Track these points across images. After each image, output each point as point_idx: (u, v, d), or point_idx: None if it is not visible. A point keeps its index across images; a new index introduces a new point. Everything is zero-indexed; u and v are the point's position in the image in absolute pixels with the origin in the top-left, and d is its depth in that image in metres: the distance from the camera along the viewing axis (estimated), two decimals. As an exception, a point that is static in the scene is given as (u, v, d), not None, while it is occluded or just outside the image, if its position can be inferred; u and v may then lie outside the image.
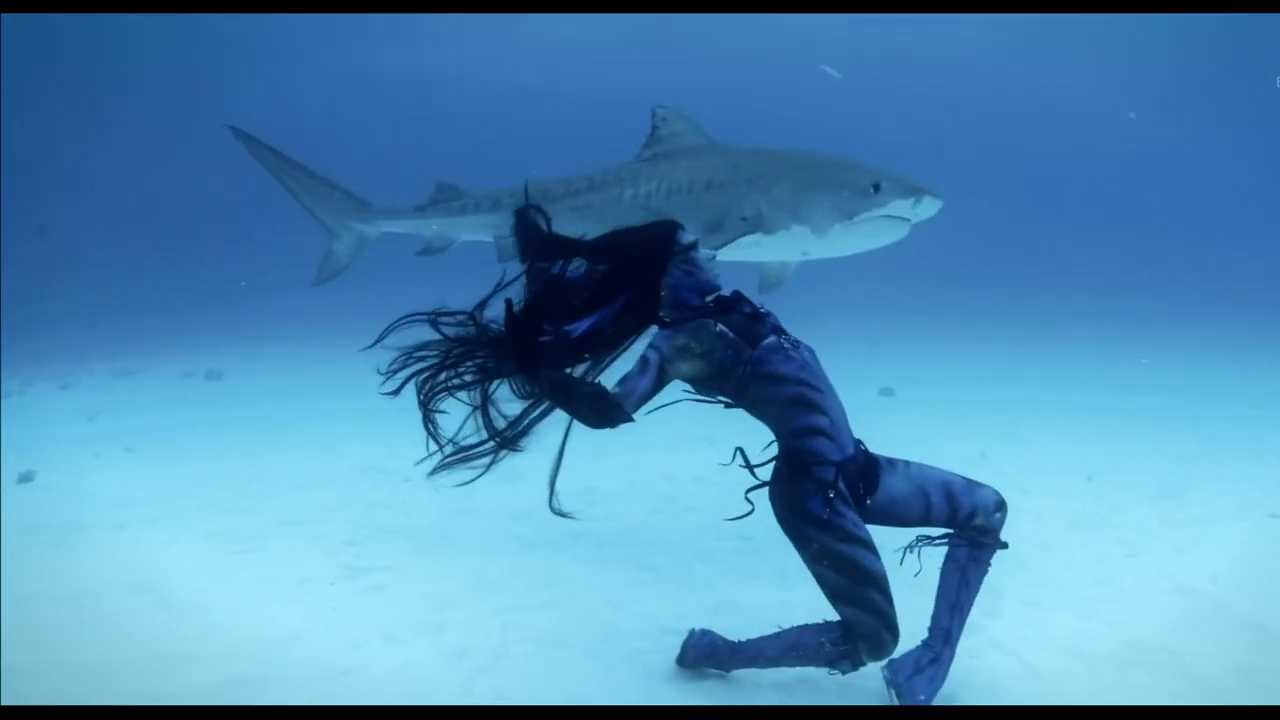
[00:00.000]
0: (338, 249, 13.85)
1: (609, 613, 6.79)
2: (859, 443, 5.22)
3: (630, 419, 4.74)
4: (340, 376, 20.11)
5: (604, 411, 4.69)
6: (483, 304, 4.99)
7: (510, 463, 5.19)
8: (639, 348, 4.98)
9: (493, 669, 5.84)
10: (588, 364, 5.04)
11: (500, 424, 5.04)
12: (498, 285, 5.01)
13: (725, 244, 10.12)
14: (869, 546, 4.95)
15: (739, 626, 5.71)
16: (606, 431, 4.69)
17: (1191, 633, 6.38)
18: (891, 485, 5.21)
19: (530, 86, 56.62)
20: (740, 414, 5.12)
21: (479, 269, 5.99)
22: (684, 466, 11.22)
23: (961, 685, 5.53)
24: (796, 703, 5.35)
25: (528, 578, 7.56)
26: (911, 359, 23.70)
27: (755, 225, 10.31)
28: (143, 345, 26.24)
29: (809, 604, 5.50)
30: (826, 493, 4.91)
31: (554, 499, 5.12)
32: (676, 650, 5.79)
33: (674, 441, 12.36)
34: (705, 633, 5.75)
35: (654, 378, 4.84)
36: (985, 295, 36.43)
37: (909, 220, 9.99)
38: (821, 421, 5.01)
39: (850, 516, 4.96)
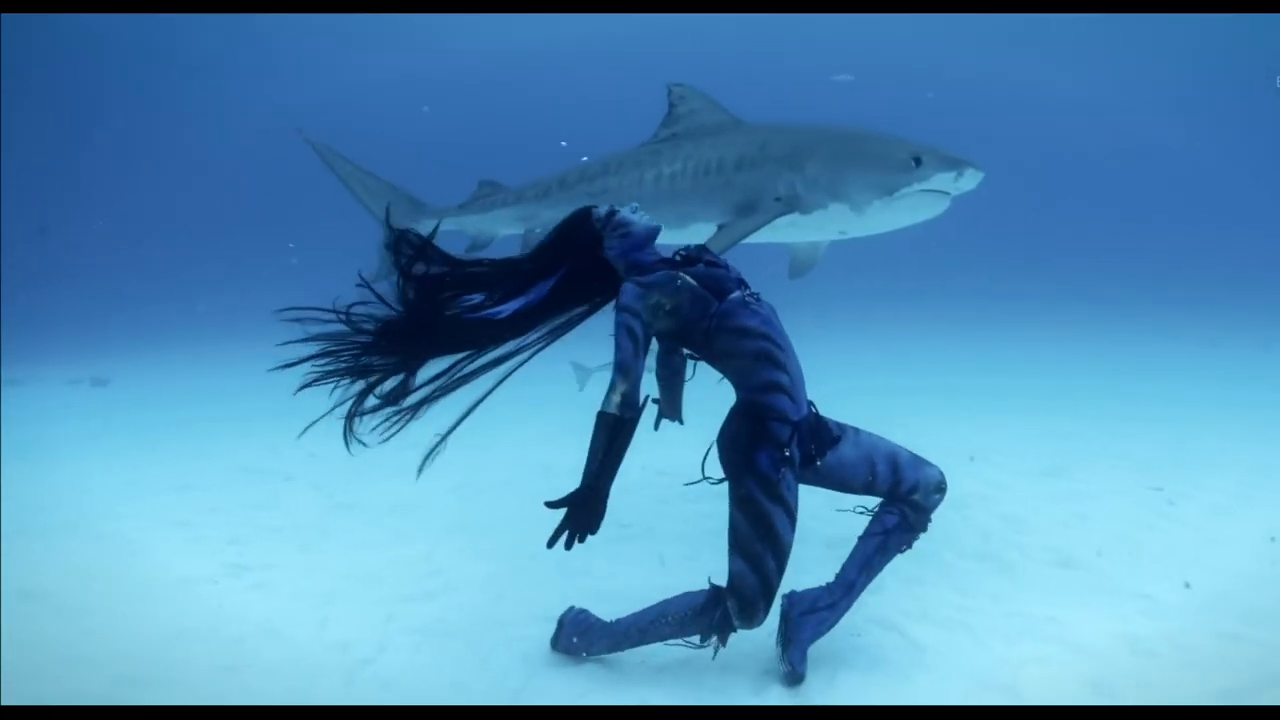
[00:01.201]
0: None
1: (489, 602, 6.77)
2: (811, 404, 5.31)
3: (638, 403, 4.92)
4: (221, 380, 20.09)
5: (626, 421, 4.86)
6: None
7: (393, 457, 5.19)
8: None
9: (375, 661, 5.79)
10: (531, 343, 5.38)
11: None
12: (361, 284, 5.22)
13: (760, 226, 9.74)
14: (790, 516, 5.03)
15: (618, 613, 5.66)
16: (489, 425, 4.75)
17: (1078, 604, 6.44)
18: (841, 450, 5.33)
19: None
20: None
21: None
22: (561, 458, 11.19)
23: (845, 662, 5.54)
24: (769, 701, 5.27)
25: (409, 570, 7.53)
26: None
27: (791, 205, 9.81)
28: (31, 353, 25.69)
29: (687, 589, 5.48)
30: (780, 451, 5.02)
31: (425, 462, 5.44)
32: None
33: (554, 432, 12.37)
34: (581, 611, 5.76)
35: (643, 346, 4.95)
36: (862, 280, 36.51)
37: (949, 194, 9.53)
38: (783, 379, 5.12)
39: (789, 481, 5.04)
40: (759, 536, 4.97)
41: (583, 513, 4.77)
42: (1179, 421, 13.19)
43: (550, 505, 4.78)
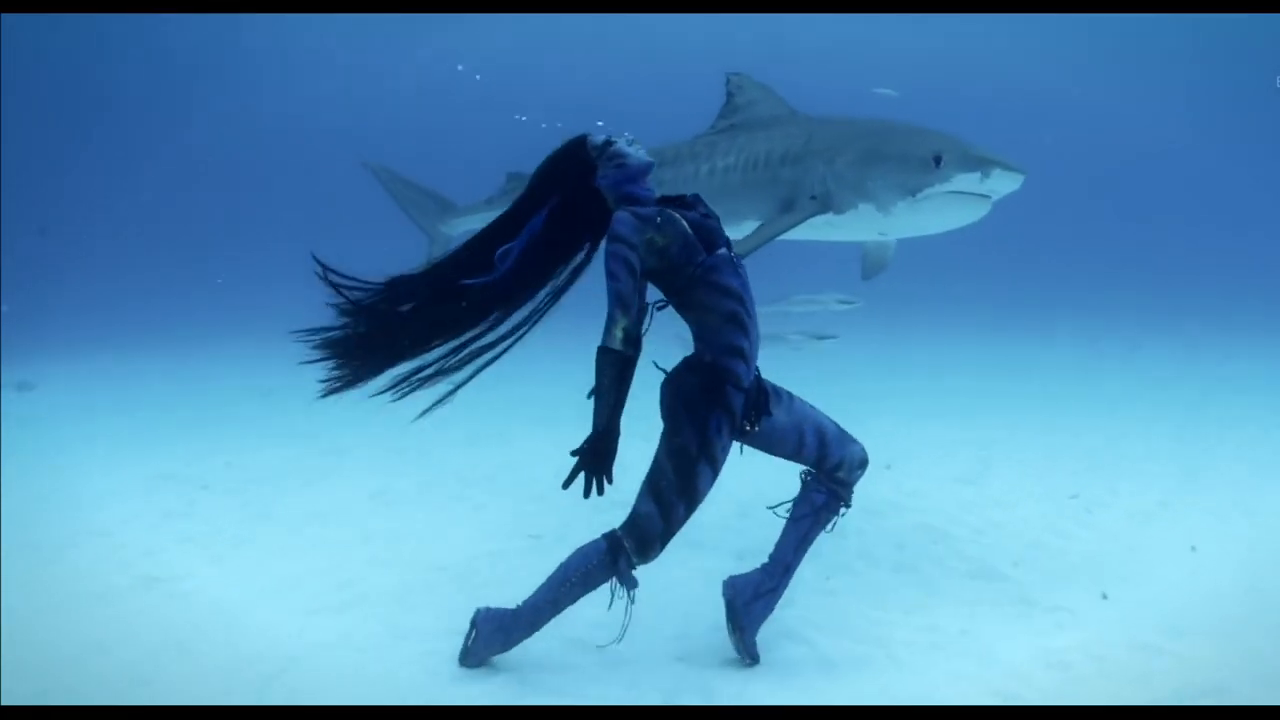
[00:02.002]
0: (434, 253, 13.66)
1: (399, 614, 6.71)
2: (757, 370, 5.44)
3: (640, 338, 5.02)
4: (147, 387, 19.89)
5: (630, 358, 4.94)
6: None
7: (313, 464, 5.16)
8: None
9: (286, 673, 5.71)
10: (541, 299, 5.46)
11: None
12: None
13: (794, 225, 9.40)
14: (715, 474, 5.18)
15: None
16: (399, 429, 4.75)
17: (994, 617, 6.46)
18: (775, 415, 5.49)
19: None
20: (537, 413, 5.10)
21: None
22: (476, 464, 11.18)
23: (756, 675, 5.54)
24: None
25: (322, 581, 7.43)
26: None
27: (825, 204, 9.43)
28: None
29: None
30: (729, 414, 5.17)
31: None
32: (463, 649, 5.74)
33: (467, 438, 12.34)
34: (490, 609, 5.71)
35: (636, 281, 4.98)
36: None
37: (987, 196, 8.98)
38: (746, 345, 5.22)
39: (723, 443, 5.18)
40: (680, 488, 5.10)
41: (598, 458, 4.80)
42: (1101, 426, 13.33)
43: (572, 454, 4.81)
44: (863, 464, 5.71)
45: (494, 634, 5.59)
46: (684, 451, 5.09)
